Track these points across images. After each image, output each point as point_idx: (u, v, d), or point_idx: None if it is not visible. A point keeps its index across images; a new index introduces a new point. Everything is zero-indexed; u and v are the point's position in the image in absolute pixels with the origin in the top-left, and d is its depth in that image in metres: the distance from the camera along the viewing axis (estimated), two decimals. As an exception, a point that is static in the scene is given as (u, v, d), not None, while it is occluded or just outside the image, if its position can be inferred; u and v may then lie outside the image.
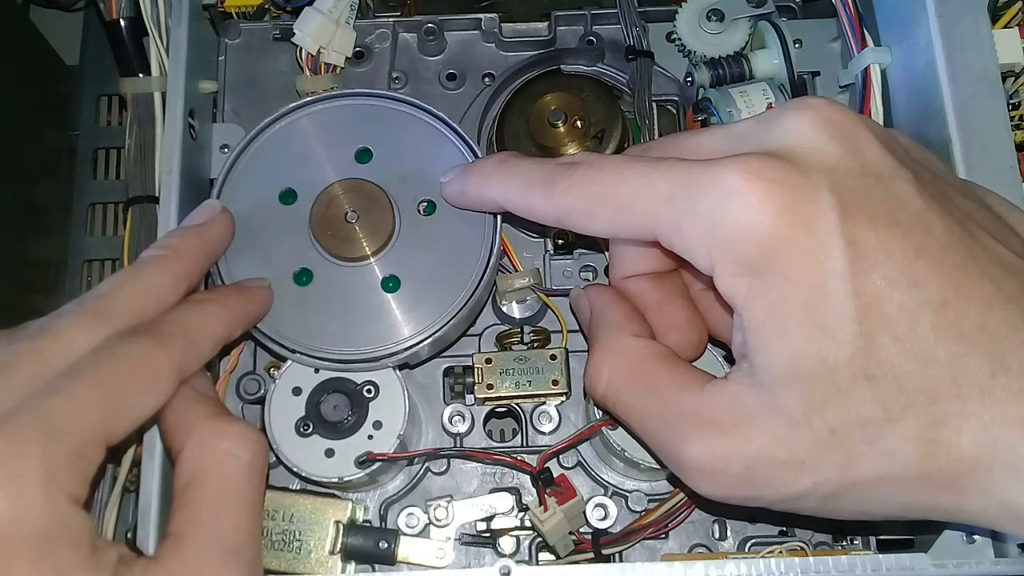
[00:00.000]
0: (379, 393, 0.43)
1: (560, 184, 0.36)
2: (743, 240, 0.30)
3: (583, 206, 0.35)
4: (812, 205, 0.30)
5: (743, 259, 0.30)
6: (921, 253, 0.30)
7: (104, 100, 0.61)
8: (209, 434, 0.35)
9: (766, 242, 0.30)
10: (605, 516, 0.45)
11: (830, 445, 0.30)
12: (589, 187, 0.35)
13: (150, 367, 0.33)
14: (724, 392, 0.33)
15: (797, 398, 0.30)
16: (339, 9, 0.51)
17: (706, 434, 0.32)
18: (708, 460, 0.32)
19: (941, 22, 0.43)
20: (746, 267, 0.31)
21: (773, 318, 0.30)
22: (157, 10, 0.49)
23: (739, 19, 0.51)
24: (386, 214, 0.44)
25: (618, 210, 0.34)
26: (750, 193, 0.30)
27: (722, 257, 0.31)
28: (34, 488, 0.29)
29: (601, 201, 0.35)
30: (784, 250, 0.30)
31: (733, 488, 0.32)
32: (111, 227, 0.58)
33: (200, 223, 0.42)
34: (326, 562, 0.42)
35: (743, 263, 0.31)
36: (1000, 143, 0.42)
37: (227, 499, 0.34)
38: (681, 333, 0.39)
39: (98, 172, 0.59)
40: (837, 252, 0.29)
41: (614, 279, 0.41)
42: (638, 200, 0.33)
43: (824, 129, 0.31)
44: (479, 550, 0.45)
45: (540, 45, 0.53)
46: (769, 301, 0.30)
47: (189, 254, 0.39)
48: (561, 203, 0.36)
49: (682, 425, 0.33)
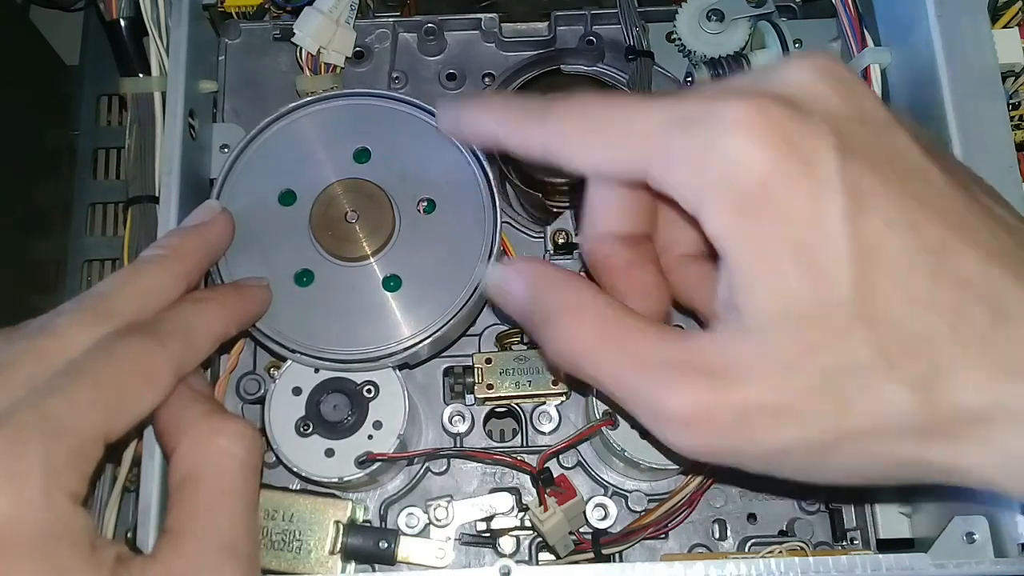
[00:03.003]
0: (379, 393, 0.43)
1: (555, 112, 0.35)
2: (739, 174, 0.29)
3: (576, 136, 0.34)
4: (813, 144, 0.29)
5: (737, 195, 0.29)
6: (920, 199, 0.29)
7: (104, 100, 0.61)
8: (204, 431, 0.35)
9: (763, 177, 0.29)
10: (605, 516, 0.45)
11: (823, 391, 0.29)
12: (584, 116, 0.34)
13: (149, 365, 0.34)
14: (709, 341, 0.31)
15: (789, 341, 0.29)
16: (339, 9, 0.51)
17: (691, 382, 0.30)
18: (693, 409, 0.30)
19: (941, 22, 0.43)
20: (739, 204, 0.29)
21: (765, 258, 0.29)
22: (157, 10, 0.49)
23: (739, 19, 0.51)
24: (386, 214, 0.44)
25: (610, 140, 0.33)
26: (751, 128, 0.29)
27: (714, 193, 0.30)
28: (34, 488, 0.29)
29: (595, 130, 0.33)
30: (781, 187, 0.29)
31: (717, 438, 0.31)
32: (111, 227, 0.58)
33: (200, 223, 0.42)
34: (326, 562, 0.42)
35: (736, 199, 0.29)
36: (1000, 143, 0.42)
37: (223, 496, 0.34)
38: (648, 299, 0.37)
39: (98, 172, 0.59)
40: (836, 191, 0.28)
41: (586, 238, 0.39)
42: (632, 131, 0.32)
43: (825, 78, 0.31)
44: (479, 550, 0.45)
45: (540, 45, 0.53)
46: (761, 239, 0.29)
47: (188, 254, 0.39)
48: (554, 132, 0.35)
49: (664, 375, 0.31)
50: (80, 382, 0.31)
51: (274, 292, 0.43)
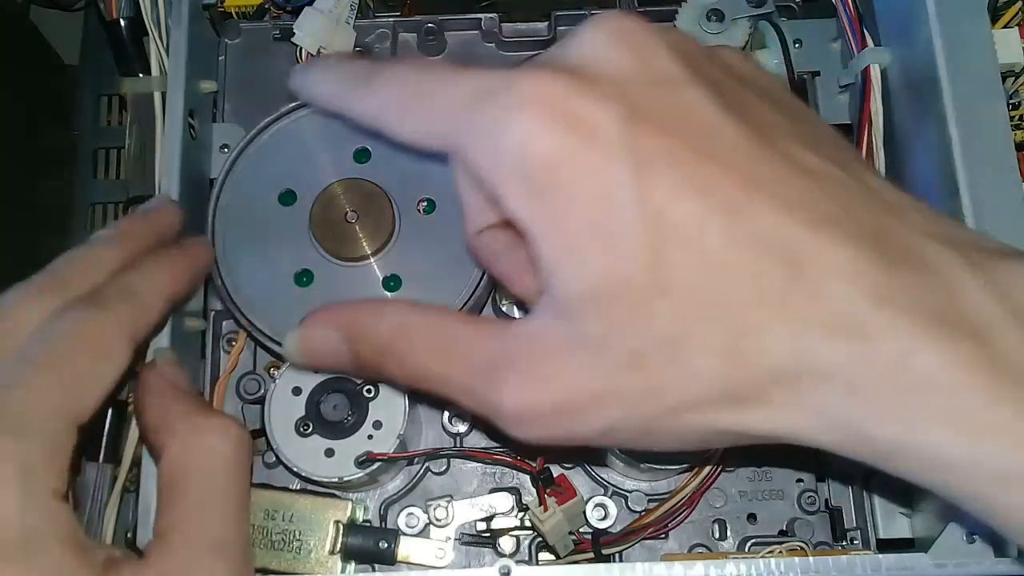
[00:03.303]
0: (379, 393, 0.43)
1: (376, 81, 0.34)
2: (526, 155, 0.28)
3: (394, 106, 0.33)
4: (594, 116, 0.28)
5: (527, 177, 0.28)
6: (709, 159, 0.28)
7: (104, 100, 0.60)
8: (189, 431, 0.34)
9: (549, 157, 0.28)
10: (605, 516, 0.45)
11: (632, 368, 0.28)
12: (402, 86, 0.33)
13: (99, 335, 0.33)
14: (523, 330, 0.31)
15: (596, 321, 0.28)
16: (339, 9, 0.51)
17: (511, 378, 0.30)
18: (517, 405, 0.30)
19: (941, 22, 0.43)
20: (530, 187, 0.29)
21: (563, 239, 0.28)
22: (157, 10, 0.49)
23: (739, 19, 0.51)
24: (386, 214, 0.44)
25: (423, 112, 0.32)
26: (533, 105, 0.28)
27: (507, 175, 0.29)
28: (13, 489, 0.28)
29: (410, 101, 0.33)
30: (566, 165, 0.28)
31: (548, 429, 0.31)
32: (111, 227, 0.58)
33: (147, 209, 0.42)
34: (326, 562, 0.42)
35: (527, 181, 0.29)
36: (1000, 143, 0.42)
37: (212, 495, 0.33)
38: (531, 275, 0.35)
39: (98, 172, 0.59)
40: (620, 162, 0.27)
41: (468, 234, 0.38)
42: (440, 103, 0.31)
43: (614, 40, 0.30)
44: (479, 550, 0.45)
45: (540, 45, 0.53)
46: (557, 221, 0.28)
47: (135, 233, 0.39)
48: (375, 102, 0.34)
49: (491, 374, 0.31)
50: (37, 369, 0.31)
51: (274, 292, 0.43)
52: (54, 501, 0.30)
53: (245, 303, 0.43)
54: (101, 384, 0.33)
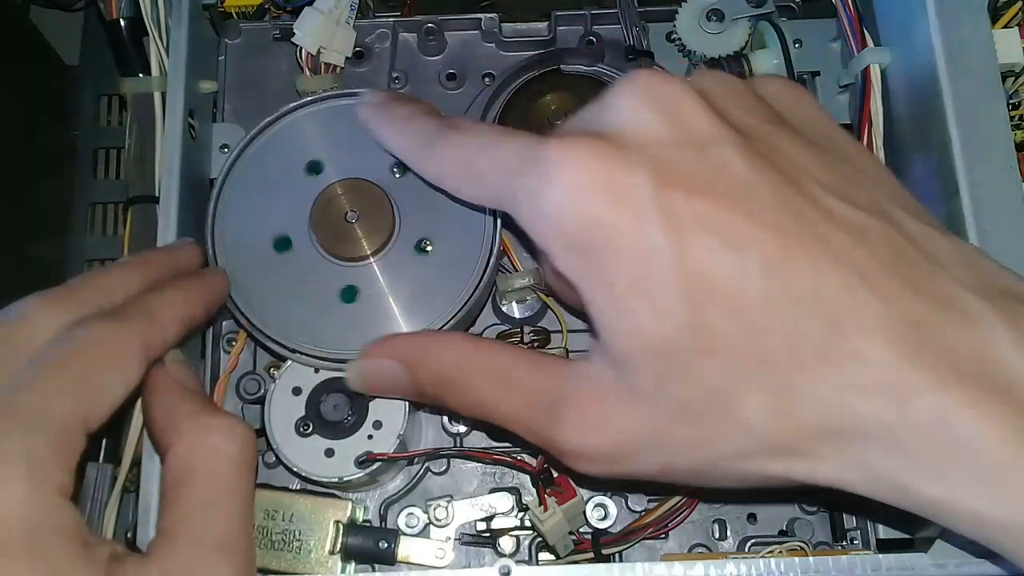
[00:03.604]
0: (379, 393, 0.43)
1: (437, 147, 0.36)
2: (564, 222, 0.30)
3: (454, 171, 0.36)
4: (627, 180, 0.29)
5: (568, 240, 0.30)
6: (743, 217, 0.28)
7: (104, 100, 0.61)
8: (196, 430, 0.34)
9: (585, 223, 0.29)
10: (605, 516, 0.45)
11: (683, 420, 0.30)
12: (457, 151, 0.35)
13: (115, 348, 0.33)
14: (581, 373, 0.32)
15: (647, 374, 0.30)
16: (339, 9, 0.51)
17: (571, 418, 0.32)
18: (578, 445, 0.32)
19: (941, 22, 0.43)
20: (574, 249, 0.30)
21: (609, 297, 0.30)
22: (157, 10, 0.49)
23: (739, 19, 0.51)
24: (386, 214, 0.44)
25: (476, 178, 0.34)
26: (569, 172, 0.29)
27: (552, 238, 0.31)
28: (20, 485, 0.29)
29: (465, 167, 0.35)
30: (604, 229, 0.29)
31: (607, 466, 0.32)
32: (111, 227, 0.58)
33: (169, 244, 0.43)
34: (326, 562, 0.42)
35: (571, 245, 0.30)
36: (1000, 143, 0.42)
37: (217, 494, 0.34)
38: None
39: (98, 172, 0.59)
40: (654, 225, 0.28)
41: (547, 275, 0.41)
42: (489, 170, 0.33)
43: (645, 101, 0.31)
44: (479, 550, 0.45)
45: (540, 45, 0.53)
46: (602, 281, 0.30)
47: (155, 261, 0.40)
48: (438, 167, 0.36)
49: (551, 410, 0.33)
50: (51, 372, 0.31)
51: (274, 292, 0.43)
52: (60, 498, 0.30)
53: (245, 303, 0.43)
54: (113, 394, 0.33)
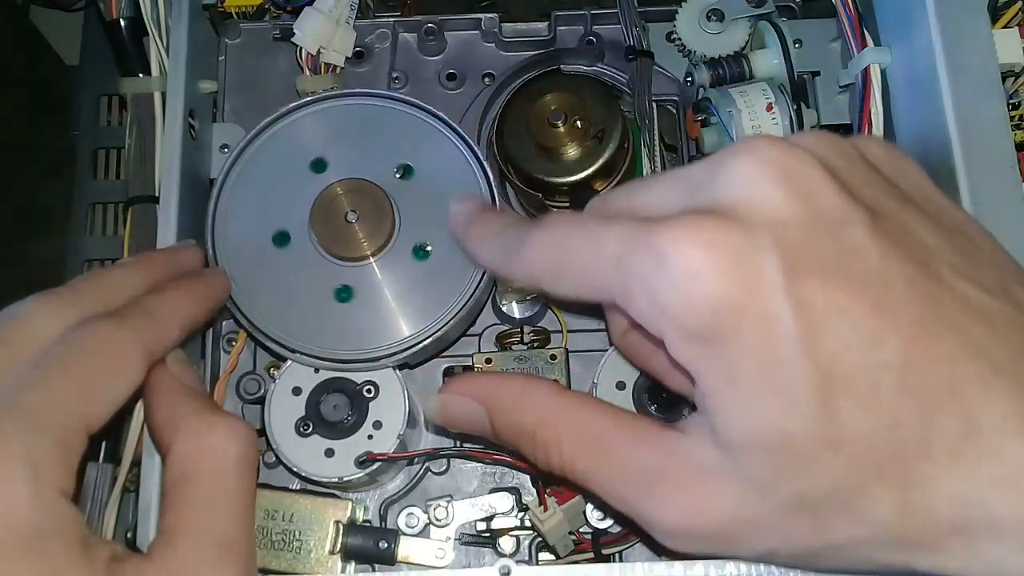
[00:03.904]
0: (379, 393, 0.43)
1: (526, 252, 0.35)
2: (684, 310, 0.28)
3: (549, 272, 0.34)
4: (755, 266, 0.28)
5: (688, 328, 0.29)
6: (878, 309, 0.27)
7: (104, 100, 0.60)
8: (198, 429, 0.34)
9: (709, 311, 0.28)
10: (605, 516, 0.45)
11: (799, 512, 0.29)
12: (550, 252, 0.34)
13: (116, 349, 0.33)
14: (682, 448, 0.31)
15: (762, 466, 0.29)
16: (339, 9, 0.51)
17: (670, 492, 0.31)
18: (674, 521, 0.31)
19: (941, 22, 0.43)
20: (692, 335, 0.29)
21: (730, 385, 0.29)
22: (157, 10, 0.49)
23: (739, 19, 0.51)
24: (386, 214, 0.44)
25: (577, 274, 0.33)
26: (693, 260, 0.28)
27: (668, 325, 0.29)
28: (21, 485, 0.29)
29: (562, 266, 0.33)
30: (729, 318, 0.28)
31: (703, 546, 0.31)
32: (111, 227, 0.58)
33: (171, 246, 0.43)
34: (326, 562, 0.42)
35: (690, 330, 0.29)
36: (1000, 143, 0.42)
37: (219, 494, 0.34)
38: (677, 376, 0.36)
39: (98, 172, 0.59)
40: (786, 316, 0.27)
41: (614, 338, 0.40)
42: (591, 264, 0.32)
43: (768, 175, 0.29)
44: (479, 550, 0.45)
45: (540, 45, 0.53)
46: (723, 369, 0.29)
47: (157, 262, 0.40)
48: (532, 271, 0.35)
49: (646, 484, 0.31)
50: (53, 373, 0.31)
51: (274, 292, 0.43)
52: (61, 499, 0.30)
53: (245, 303, 0.43)
54: (114, 395, 0.33)
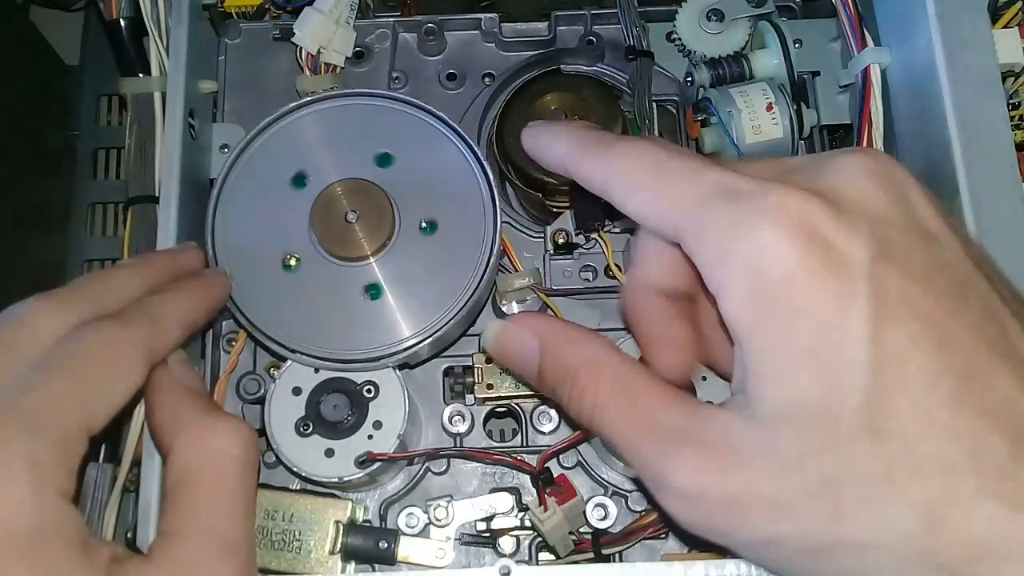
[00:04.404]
0: (379, 393, 0.43)
1: (618, 149, 0.35)
2: (765, 264, 0.29)
3: (631, 177, 0.34)
4: (844, 244, 0.28)
5: (758, 285, 0.29)
6: (953, 318, 0.28)
7: (104, 100, 0.61)
8: (199, 431, 0.34)
9: (788, 272, 0.28)
10: (605, 516, 0.45)
11: (821, 495, 0.28)
12: (644, 158, 0.33)
13: (119, 350, 0.33)
14: (716, 417, 0.31)
15: (793, 439, 0.29)
16: (339, 9, 0.51)
17: (692, 454, 0.30)
18: (692, 484, 0.30)
19: (941, 22, 0.43)
20: (759, 294, 0.29)
21: (778, 353, 0.29)
22: (157, 10, 0.49)
23: (739, 19, 0.51)
24: (386, 214, 0.44)
25: (659, 193, 0.32)
26: (786, 220, 0.28)
27: (734, 278, 0.29)
28: (22, 487, 0.29)
29: (648, 175, 0.33)
30: (805, 284, 0.28)
31: (709, 517, 0.31)
32: (111, 227, 0.58)
33: (171, 248, 0.43)
34: (326, 562, 0.42)
35: (756, 289, 0.29)
36: (1000, 143, 0.42)
37: (220, 495, 0.34)
38: (677, 353, 0.37)
39: (98, 172, 0.59)
40: (861, 296, 0.28)
41: (629, 286, 0.39)
42: (680, 190, 0.32)
43: (877, 178, 0.30)
44: (479, 550, 0.45)
45: (540, 45, 0.53)
46: (777, 334, 0.29)
47: (158, 263, 0.40)
48: (613, 167, 0.34)
49: (670, 444, 0.31)
50: (54, 375, 0.31)
51: (274, 292, 0.43)
52: (61, 500, 0.30)
53: (245, 303, 0.43)
54: (115, 397, 0.33)
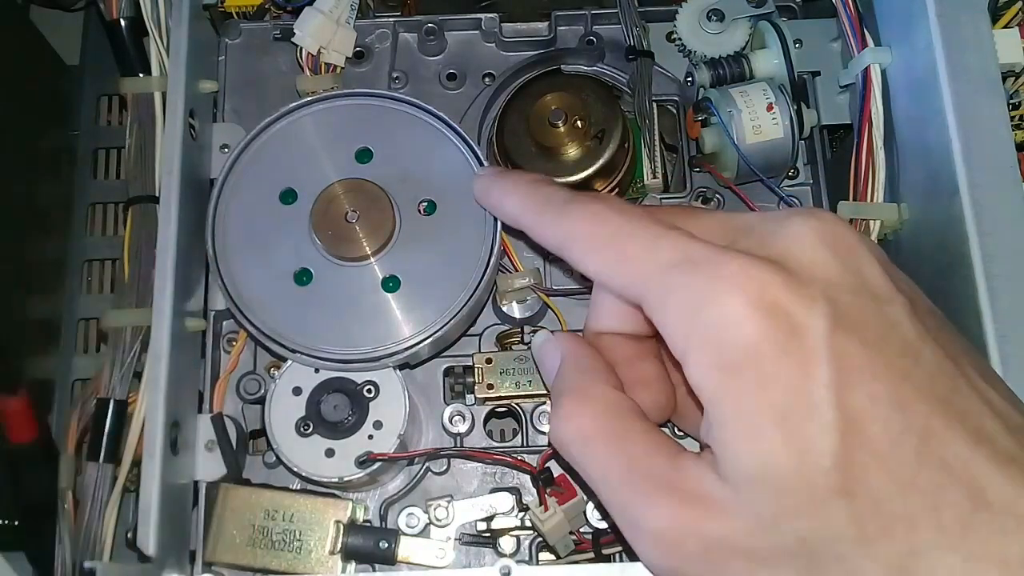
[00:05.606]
0: (379, 393, 0.43)
1: (574, 212, 0.35)
2: (726, 335, 0.29)
3: (588, 241, 0.35)
4: (803, 312, 0.29)
5: (722, 354, 0.30)
6: (908, 379, 0.29)
7: (104, 100, 0.61)
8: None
9: (750, 343, 0.29)
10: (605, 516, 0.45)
11: (797, 553, 0.29)
12: (600, 224, 0.34)
13: None
14: (696, 467, 0.31)
15: (767, 501, 0.29)
16: (339, 9, 0.51)
17: (671, 502, 0.31)
18: (667, 529, 0.31)
19: (941, 22, 0.43)
20: (722, 362, 0.30)
21: (744, 419, 0.29)
22: (157, 10, 0.49)
23: (739, 19, 0.51)
24: (386, 214, 0.44)
25: (618, 258, 0.33)
26: (745, 294, 0.29)
27: (699, 346, 0.30)
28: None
29: (606, 242, 0.34)
30: (768, 354, 0.29)
31: (684, 564, 0.31)
32: (111, 227, 0.58)
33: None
34: (326, 562, 0.42)
35: (720, 358, 0.30)
36: (1000, 143, 0.42)
37: None
38: (650, 392, 0.37)
39: (98, 172, 0.59)
40: (824, 363, 0.28)
41: (589, 329, 0.39)
42: (639, 257, 0.33)
43: (827, 243, 0.31)
44: (479, 550, 0.45)
45: (540, 45, 0.53)
46: (743, 402, 0.29)
47: None
48: (569, 230, 0.35)
49: (647, 487, 0.32)
50: None
51: (274, 292, 0.43)
52: None
53: (245, 303, 0.43)
54: None
